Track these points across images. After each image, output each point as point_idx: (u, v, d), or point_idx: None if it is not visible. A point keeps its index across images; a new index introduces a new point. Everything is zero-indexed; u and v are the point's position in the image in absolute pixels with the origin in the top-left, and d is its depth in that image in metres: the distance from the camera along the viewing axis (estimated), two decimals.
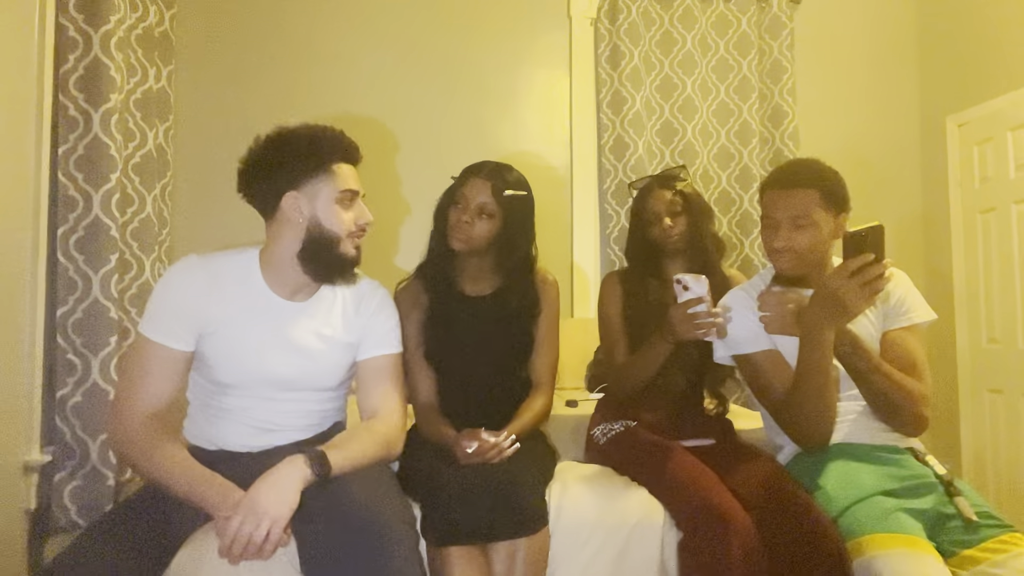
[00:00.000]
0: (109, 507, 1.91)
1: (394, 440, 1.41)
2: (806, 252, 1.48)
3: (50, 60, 2.01)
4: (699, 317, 1.45)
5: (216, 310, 1.33)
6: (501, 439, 1.41)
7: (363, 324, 1.45)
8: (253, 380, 1.36)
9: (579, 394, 2.42)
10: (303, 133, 1.35)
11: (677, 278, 1.48)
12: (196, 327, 1.33)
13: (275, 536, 1.14)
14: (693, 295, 1.46)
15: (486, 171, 1.61)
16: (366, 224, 1.40)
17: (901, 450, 1.46)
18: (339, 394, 1.50)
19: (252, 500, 1.15)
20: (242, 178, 1.36)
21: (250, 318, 1.35)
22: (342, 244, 1.36)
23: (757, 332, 1.52)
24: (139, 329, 1.33)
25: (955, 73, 3.10)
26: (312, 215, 1.34)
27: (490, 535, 1.30)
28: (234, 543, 1.13)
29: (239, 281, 1.37)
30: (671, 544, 1.42)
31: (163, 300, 1.32)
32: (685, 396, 1.76)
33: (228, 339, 1.34)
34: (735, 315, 1.55)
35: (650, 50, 3.09)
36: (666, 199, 1.71)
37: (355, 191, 1.38)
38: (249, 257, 1.40)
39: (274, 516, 1.14)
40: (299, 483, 1.19)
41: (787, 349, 1.50)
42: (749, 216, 3.05)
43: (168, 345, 1.30)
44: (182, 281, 1.33)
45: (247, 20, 2.92)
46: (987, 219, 2.91)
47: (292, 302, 1.40)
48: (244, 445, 1.37)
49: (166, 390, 1.31)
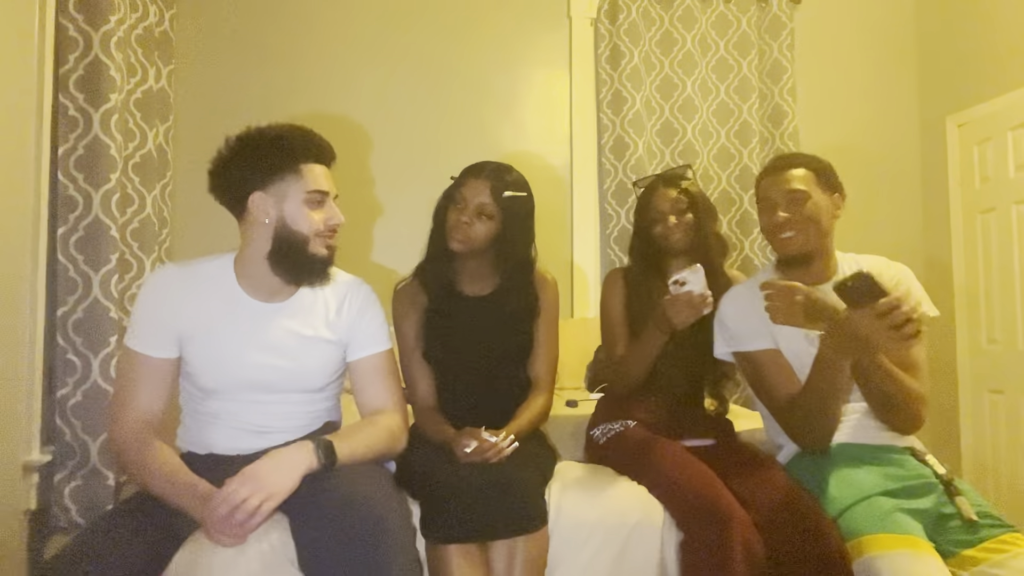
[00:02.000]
0: (109, 507, 1.91)
1: (399, 433, 1.42)
2: (806, 224, 1.47)
3: (50, 60, 2.01)
4: (695, 302, 1.48)
5: (192, 316, 1.34)
6: (500, 439, 1.41)
7: (348, 324, 1.44)
8: (235, 384, 1.36)
9: (579, 394, 2.42)
10: (270, 133, 1.35)
11: (674, 279, 1.51)
12: (175, 334, 1.34)
13: (265, 510, 1.15)
14: (692, 289, 1.49)
15: (486, 172, 1.61)
16: (336, 225, 1.39)
17: (901, 450, 1.46)
18: (328, 395, 1.49)
19: (254, 471, 1.16)
20: (211, 178, 1.36)
21: (227, 323, 1.35)
22: (311, 244, 1.35)
23: (759, 329, 1.51)
24: (124, 341, 1.35)
25: (955, 73, 3.10)
26: (279, 216, 1.33)
27: (490, 534, 1.30)
28: (223, 503, 1.13)
29: (214, 286, 1.37)
30: (671, 544, 1.42)
31: (141, 310, 1.35)
32: (685, 396, 1.76)
33: (206, 345, 1.35)
34: (736, 311, 1.55)
35: (650, 50, 3.09)
36: (671, 198, 1.71)
37: (324, 191, 1.36)
38: (224, 262, 1.40)
39: (271, 491, 1.15)
40: (303, 468, 1.20)
41: (790, 347, 1.50)
42: (749, 216, 3.05)
43: (150, 355, 1.33)
44: (157, 290, 1.35)
45: (247, 20, 2.92)
46: (987, 219, 2.91)
47: (269, 304, 1.39)
48: (235, 448, 1.37)
49: (155, 398, 1.33)
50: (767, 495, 1.38)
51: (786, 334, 1.50)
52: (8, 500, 1.87)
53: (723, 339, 1.59)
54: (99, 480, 2.03)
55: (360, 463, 1.29)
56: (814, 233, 1.49)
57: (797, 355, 1.50)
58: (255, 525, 1.17)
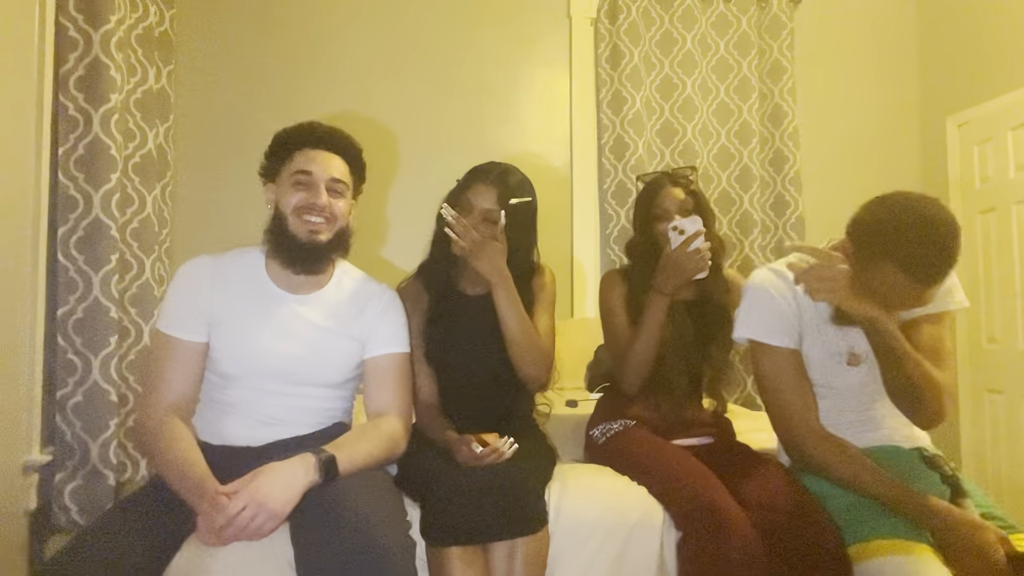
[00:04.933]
0: (109, 507, 1.91)
1: (400, 439, 1.42)
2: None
3: (50, 60, 2.01)
4: (702, 251, 1.54)
5: (221, 302, 1.40)
6: (500, 444, 1.40)
7: (369, 323, 1.48)
8: (256, 371, 1.39)
9: (579, 394, 2.42)
10: (284, 130, 1.46)
11: (673, 225, 1.58)
12: (205, 318, 1.39)
13: (267, 530, 1.17)
14: (690, 233, 1.55)
15: (492, 177, 1.59)
16: (313, 203, 1.40)
17: (908, 452, 1.45)
18: (344, 394, 1.51)
19: (257, 489, 1.16)
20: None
21: (254, 309, 1.40)
22: (289, 223, 1.40)
23: (784, 325, 1.44)
24: (156, 326, 1.41)
25: (955, 73, 3.10)
26: (275, 200, 1.44)
27: (489, 535, 1.29)
28: (230, 526, 1.14)
29: (244, 275, 1.44)
30: (670, 544, 1.42)
31: (174, 295, 1.41)
32: (684, 395, 1.76)
33: (232, 330, 1.39)
34: (763, 298, 1.47)
35: (650, 50, 3.09)
36: (678, 197, 1.71)
37: (308, 171, 1.40)
38: (256, 253, 1.48)
39: (274, 511, 1.16)
40: (305, 484, 1.21)
41: (813, 351, 1.46)
42: (749, 216, 3.05)
43: (182, 338, 1.37)
44: (190, 276, 1.41)
45: (247, 20, 2.92)
46: (987, 219, 2.91)
47: (295, 295, 1.44)
48: (247, 439, 1.38)
49: (185, 382, 1.37)
50: (766, 494, 1.38)
51: (812, 338, 1.45)
52: (8, 500, 1.87)
53: (746, 323, 1.49)
54: (99, 480, 2.03)
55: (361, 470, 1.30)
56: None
57: (821, 361, 1.45)
58: (257, 539, 1.18)
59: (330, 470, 1.23)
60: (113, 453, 2.04)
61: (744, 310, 1.50)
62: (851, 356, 1.45)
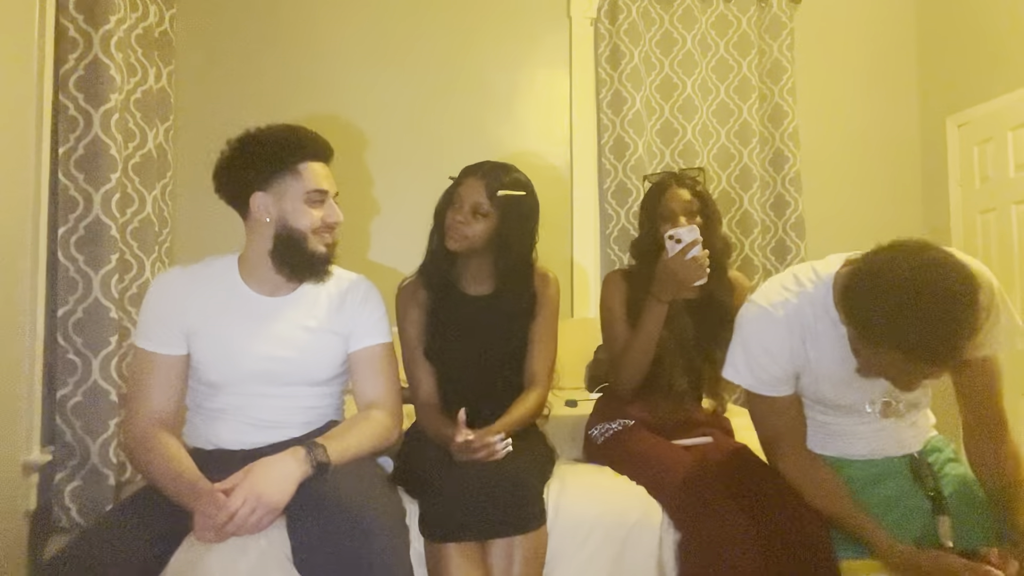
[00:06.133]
0: (109, 507, 1.91)
1: (390, 428, 1.43)
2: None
3: (50, 60, 2.01)
4: (700, 260, 1.53)
5: (198, 311, 1.38)
6: (493, 440, 1.39)
7: (350, 316, 1.48)
8: (241, 377, 1.38)
9: (579, 394, 2.42)
10: (269, 134, 1.39)
11: (669, 234, 1.56)
12: (182, 329, 1.38)
13: (266, 523, 1.19)
14: (687, 242, 1.53)
15: (482, 171, 1.61)
16: (334, 222, 1.42)
17: (896, 460, 1.40)
18: (333, 391, 1.52)
19: (254, 484, 1.18)
20: (215, 180, 1.41)
21: (231, 316, 1.39)
22: (309, 242, 1.39)
23: (777, 376, 1.35)
24: (133, 342, 1.41)
25: (955, 73, 3.09)
26: (280, 215, 1.38)
27: (488, 533, 1.30)
28: (231, 522, 1.16)
29: (218, 283, 1.42)
30: (669, 543, 1.42)
31: (148, 310, 1.40)
32: (683, 395, 1.75)
33: (211, 338, 1.38)
34: (764, 342, 1.34)
35: (650, 50, 3.09)
36: (684, 198, 1.70)
37: (324, 190, 1.40)
38: (228, 261, 1.46)
39: (272, 504, 1.18)
40: (299, 476, 1.23)
41: (822, 374, 1.35)
42: (749, 216, 3.05)
43: (159, 352, 1.37)
44: (162, 289, 1.41)
45: (247, 20, 2.92)
46: (987, 219, 2.91)
47: (273, 297, 1.43)
48: (240, 443, 1.39)
49: (167, 396, 1.37)
50: (765, 495, 1.37)
51: (822, 363, 1.34)
52: (8, 500, 1.87)
53: (746, 368, 1.37)
54: (99, 480, 2.02)
55: (354, 461, 1.32)
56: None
57: (832, 382, 1.35)
58: (254, 532, 1.20)
59: (321, 461, 1.25)
60: (113, 453, 2.04)
61: (736, 353, 1.38)
62: (885, 406, 1.38)
